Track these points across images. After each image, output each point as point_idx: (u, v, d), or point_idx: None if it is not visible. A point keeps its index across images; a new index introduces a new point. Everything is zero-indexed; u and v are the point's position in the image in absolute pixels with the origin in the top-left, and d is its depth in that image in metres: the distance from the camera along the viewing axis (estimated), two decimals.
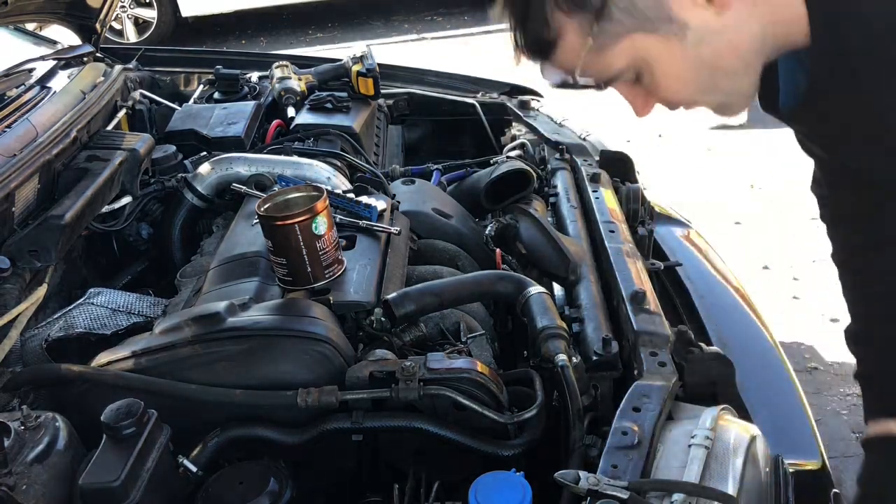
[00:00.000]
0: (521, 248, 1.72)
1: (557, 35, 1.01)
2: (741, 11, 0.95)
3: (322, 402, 1.20)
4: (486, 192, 2.01)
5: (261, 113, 2.30)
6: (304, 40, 7.46)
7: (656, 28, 0.96)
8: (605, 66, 1.01)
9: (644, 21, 0.96)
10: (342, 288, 1.44)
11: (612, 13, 0.96)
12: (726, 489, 1.01)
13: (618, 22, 0.97)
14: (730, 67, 1.00)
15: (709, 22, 0.95)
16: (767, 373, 1.59)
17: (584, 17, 0.97)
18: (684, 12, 0.95)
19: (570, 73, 1.05)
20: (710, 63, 0.99)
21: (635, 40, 0.98)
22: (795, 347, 2.92)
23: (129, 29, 7.36)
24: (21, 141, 1.67)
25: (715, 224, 3.52)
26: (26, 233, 1.53)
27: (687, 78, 1.01)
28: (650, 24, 0.96)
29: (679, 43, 0.97)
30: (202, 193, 1.89)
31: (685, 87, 1.03)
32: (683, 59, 0.98)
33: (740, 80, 1.02)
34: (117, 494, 1.02)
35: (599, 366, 1.30)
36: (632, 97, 1.07)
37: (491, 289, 1.44)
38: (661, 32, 0.97)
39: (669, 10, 0.95)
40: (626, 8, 0.95)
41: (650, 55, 0.99)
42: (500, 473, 1.09)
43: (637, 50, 0.99)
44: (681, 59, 0.99)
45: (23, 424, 1.10)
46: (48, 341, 1.45)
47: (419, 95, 2.59)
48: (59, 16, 2.42)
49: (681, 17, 0.95)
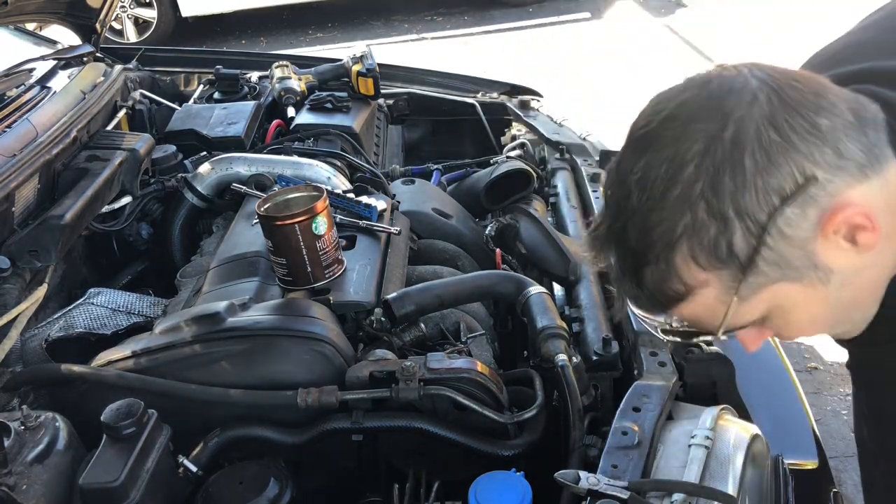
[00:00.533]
0: (521, 248, 1.72)
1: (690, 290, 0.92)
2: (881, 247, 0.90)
3: (322, 402, 1.20)
4: (487, 192, 2.00)
5: (261, 113, 2.30)
6: (304, 40, 7.46)
7: (802, 277, 0.90)
8: (741, 317, 0.94)
9: (790, 270, 0.90)
10: (342, 288, 1.44)
11: (760, 266, 0.88)
12: (726, 489, 1.01)
13: (764, 274, 0.89)
14: (864, 302, 0.98)
15: (854, 263, 0.90)
16: (767, 373, 1.59)
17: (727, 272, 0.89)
18: (829, 258, 0.89)
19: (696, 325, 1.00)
20: (847, 302, 0.95)
21: (778, 289, 0.91)
22: (795, 347, 2.92)
23: (129, 29, 7.37)
24: (21, 141, 1.67)
25: None
26: (26, 233, 1.53)
27: (823, 319, 0.97)
28: (795, 273, 0.90)
29: (823, 288, 0.91)
30: (202, 193, 1.89)
31: (815, 327, 0.99)
32: (825, 301, 0.93)
33: (870, 309, 0.99)
34: (117, 494, 1.02)
35: (599, 366, 1.30)
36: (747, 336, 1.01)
37: (491, 289, 1.44)
38: (806, 281, 0.91)
39: (815, 257, 0.89)
40: (774, 260, 0.88)
41: (790, 302, 0.93)
42: (500, 473, 1.09)
43: (777, 298, 0.92)
44: (822, 302, 0.93)
45: (23, 424, 1.10)
46: (48, 341, 1.45)
47: (419, 95, 2.59)
48: (59, 16, 2.42)
49: (826, 263, 0.90)
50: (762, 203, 0.85)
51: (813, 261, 0.89)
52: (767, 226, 0.86)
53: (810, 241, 0.88)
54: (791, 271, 0.89)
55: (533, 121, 2.31)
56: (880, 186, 0.89)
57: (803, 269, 0.89)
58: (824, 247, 0.88)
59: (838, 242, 0.88)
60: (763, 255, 0.87)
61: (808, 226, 0.87)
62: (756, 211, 0.85)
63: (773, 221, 0.86)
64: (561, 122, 2.28)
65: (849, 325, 1.02)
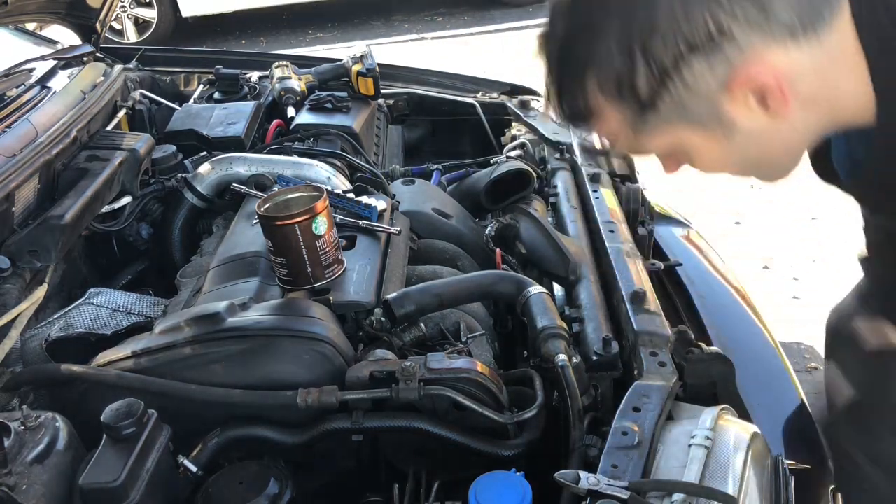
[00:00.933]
0: (521, 248, 1.72)
1: (596, 114, 0.96)
2: (797, 114, 0.90)
3: (322, 402, 1.20)
4: (486, 192, 2.00)
5: (261, 113, 2.30)
6: (304, 40, 7.46)
7: (704, 126, 0.92)
8: (642, 146, 0.99)
9: (692, 118, 0.91)
10: (342, 288, 1.44)
11: (659, 108, 0.90)
12: (726, 489, 1.01)
13: (664, 116, 0.91)
14: (776, 161, 0.98)
15: (762, 126, 0.91)
16: (767, 373, 1.59)
17: (627, 105, 0.92)
18: (736, 115, 0.90)
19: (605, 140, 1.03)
20: (754, 158, 0.96)
21: (679, 131, 0.94)
22: (795, 347, 2.92)
23: (129, 29, 7.36)
24: (21, 141, 1.67)
25: (715, 224, 3.52)
26: (26, 233, 1.53)
27: (728, 163, 0.98)
28: (698, 120, 0.92)
29: (726, 141, 0.93)
30: (202, 193, 1.89)
31: (724, 169, 1.00)
32: (727, 152, 0.95)
33: (784, 166, 1.00)
34: (117, 494, 1.02)
35: (599, 366, 1.30)
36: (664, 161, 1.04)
37: (491, 289, 1.44)
38: (708, 129, 0.92)
39: (720, 111, 0.90)
40: (675, 105, 0.90)
41: (692, 145, 0.96)
42: (500, 473, 1.09)
43: (678, 138, 0.95)
44: (724, 152, 0.95)
45: (23, 424, 1.09)
46: (48, 341, 1.44)
47: (419, 95, 2.58)
48: (59, 16, 2.42)
49: (731, 120, 0.91)
50: (669, 48, 0.86)
51: (717, 114, 0.90)
52: (671, 72, 0.87)
53: (716, 95, 0.88)
54: (693, 117, 0.91)
55: (533, 121, 2.31)
56: (812, 50, 0.87)
57: (706, 118, 0.91)
58: (732, 104, 0.89)
59: (748, 102, 0.88)
60: (664, 99, 0.89)
61: (714, 80, 0.87)
62: (662, 55, 0.86)
63: (676, 69, 0.86)
64: None
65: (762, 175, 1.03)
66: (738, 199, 3.98)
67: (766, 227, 3.74)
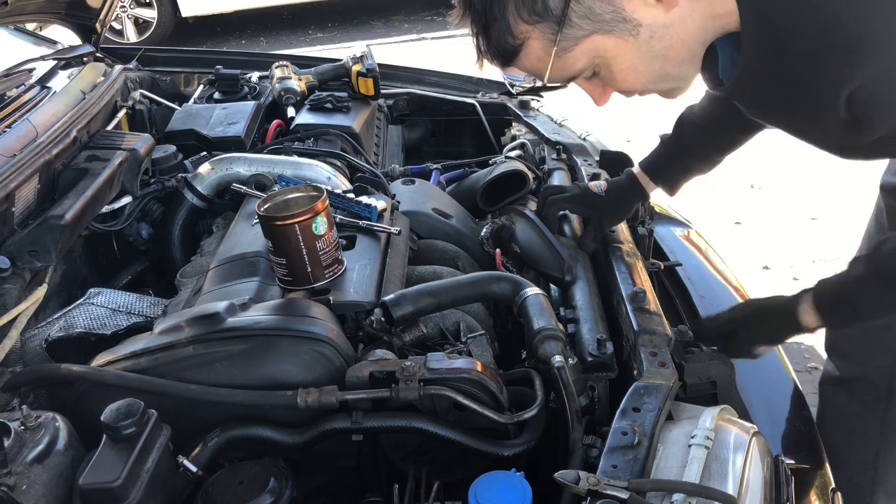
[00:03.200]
0: (515, 249, 1.72)
1: (521, 42, 1.10)
2: (685, 7, 1.06)
3: (322, 402, 1.20)
4: (482, 194, 2.01)
5: (261, 113, 2.30)
6: (304, 40, 7.46)
7: (613, 29, 1.07)
8: (568, 66, 1.12)
9: (601, 24, 1.06)
10: (342, 288, 1.44)
11: (572, 19, 1.06)
12: (726, 489, 1.01)
13: (577, 27, 1.07)
14: (678, 57, 1.12)
15: (658, 18, 1.06)
16: (767, 373, 1.59)
17: (546, 25, 1.07)
18: (637, 12, 1.06)
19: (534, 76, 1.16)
20: (661, 54, 1.10)
21: (594, 41, 1.08)
22: (795, 347, 2.92)
23: (129, 29, 7.37)
24: (21, 141, 1.67)
25: (715, 224, 3.52)
26: (26, 233, 1.53)
27: (641, 69, 1.12)
28: (607, 26, 1.07)
29: (633, 40, 1.08)
30: (202, 193, 1.89)
31: (639, 78, 1.14)
32: (637, 52, 1.09)
33: (687, 67, 1.14)
34: (117, 494, 1.02)
35: (595, 367, 1.30)
36: (590, 90, 1.18)
37: (488, 290, 1.44)
38: (617, 32, 1.07)
39: (623, 11, 1.06)
40: (584, 13, 1.05)
41: (608, 53, 1.10)
42: (500, 473, 1.09)
43: (596, 49, 1.09)
44: (635, 53, 1.09)
45: (23, 424, 1.09)
46: (48, 341, 1.44)
47: (419, 95, 2.59)
48: (59, 16, 2.42)
49: (634, 17, 1.06)
50: None
51: (621, 14, 1.06)
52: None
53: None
54: (602, 24, 1.07)
55: (533, 121, 2.31)
56: None
57: (613, 21, 1.06)
58: (630, 3, 1.05)
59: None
60: (573, 9, 1.05)
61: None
62: None
63: None
64: (561, 122, 2.28)
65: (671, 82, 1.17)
66: (738, 199, 3.98)
67: (766, 227, 3.74)
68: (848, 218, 1.43)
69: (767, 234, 3.67)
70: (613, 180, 1.72)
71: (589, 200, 1.68)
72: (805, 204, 3.74)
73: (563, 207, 1.72)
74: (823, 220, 3.66)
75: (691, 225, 2.11)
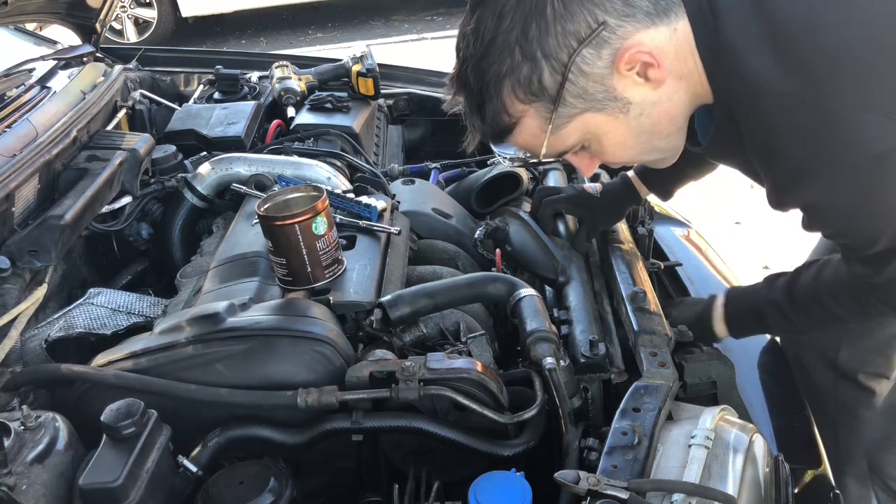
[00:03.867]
0: (509, 250, 1.72)
1: (516, 121, 1.14)
2: (671, 86, 1.11)
3: (322, 402, 1.20)
4: (477, 196, 2.01)
5: (261, 113, 2.30)
6: (304, 40, 7.46)
7: (604, 107, 1.11)
8: (560, 142, 1.16)
9: (593, 102, 1.10)
10: (342, 288, 1.44)
11: (567, 99, 1.09)
12: (726, 489, 1.01)
13: (571, 105, 1.10)
14: (665, 131, 1.17)
15: (647, 97, 1.10)
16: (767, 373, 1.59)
17: (541, 104, 1.11)
18: (627, 91, 1.09)
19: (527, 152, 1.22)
20: (649, 129, 1.15)
21: (586, 118, 1.12)
22: None
23: (129, 29, 7.37)
24: (21, 141, 1.67)
25: (715, 224, 3.52)
26: (26, 233, 1.52)
27: (630, 144, 1.17)
28: (599, 104, 1.10)
29: (623, 117, 1.12)
30: (202, 193, 1.89)
31: (628, 151, 1.19)
32: (627, 128, 1.13)
33: (674, 139, 1.19)
34: (117, 494, 1.02)
35: (587, 368, 1.30)
36: (578, 162, 1.23)
37: (484, 290, 1.44)
38: (608, 110, 1.11)
39: (614, 90, 1.09)
40: (578, 93, 1.09)
41: (599, 129, 1.14)
42: (500, 473, 1.09)
43: (587, 126, 1.13)
44: (625, 129, 1.13)
45: (23, 424, 1.09)
46: (48, 341, 1.44)
47: (419, 95, 2.58)
48: (59, 16, 2.42)
49: (624, 96, 1.10)
50: (562, 45, 1.06)
51: (612, 94, 1.09)
52: (568, 64, 1.06)
53: (608, 77, 1.08)
54: (594, 103, 1.10)
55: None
56: (668, 35, 1.07)
57: (605, 100, 1.10)
58: (621, 82, 1.09)
59: (633, 78, 1.08)
60: (568, 89, 1.08)
61: (603, 64, 1.07)
62: (558, 52, 1.06)
63: (572, 61, 1.06)
64: None
65: (657, 153, 1.23)
66: (738, 199, 3.98)
67: (766, 227, 3.74)
68: None
69: (767, 234, 3.67)
70: (608, 183, 1.74)
71: (583, 201, 1.70)
72: None
73: (558, 208, 1.73)
74: None
75: (691, 225, 2.11)
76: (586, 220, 1.69)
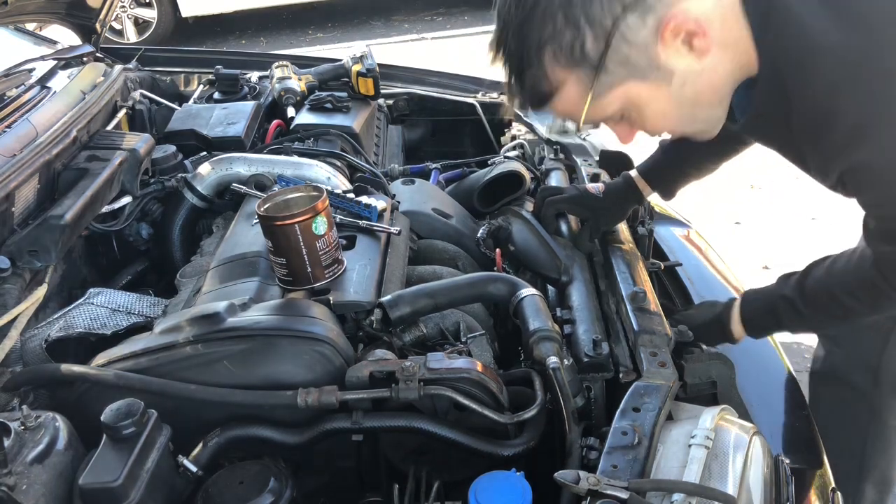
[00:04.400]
0: (511, 250, 1.72)
1: (556, 87, 1.12)
2: (716, 55, 1.08)
3: (322, 402, 1.20)
4: (479, 195, 2.01)
5: (261, 113, 2.30)
6: (304, 40, 7.46)
7: (647, 76, 1.09)
8: (601, 110, 1.15)
9: (636, 71, 1.09)
10: (342, 288, 1.44)
11: (609, 66, 1.08)
12: (726, 489, 1.01)
13: (613, 73, 1.09)
14: (707, 102, 1.15)
15: (691, 66, 1.09)
16: (767, 373, 1.59)
17: (582, 71, 1.09)
18: (670, 60, 1.08)
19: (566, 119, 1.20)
20: (691, 100, 1.13)
21: (628, 87, 1.11)
22: (795, 347, 2.92)
23: (129, 29, 7.37)
24: (21, 141, 1.67)
25: (715, 224, 3.52)
26: (26, 233, 1.52)
27: (671, 114, 1.15)
28: (641, 73, 1.09)
29: (666, 86, 1.10)
30: (202, 193, 1.89)
31: (669, 122, 1.18)
32: (669, 98, 1.12)
33: (715, 110, 1.17)
34: (117, 494, 1.02)
35: (590, 367, 1.30)
36: (618, 130, 1.21)
37: (485, 290, 1.44)
38: (651, 79, 1.09)
39: (658, 59, 1.08)
40: (621, 61, 1.07)
41: (641, 98, 1.12)
42: (500, 473, 1.09)
43: (629, 95, 1.12)
44: (667, 99, 1.12)
45: (23, 424, 1.09)
46: (48, 341, 1.44)
47: (419, 95, 2.59)
48: (59, 16, 2.42)
49: (667, 65, 1.08)
50: (607, 12, 1.04)
51: (655, 63, 1.08)
52: (612, 31, 1.05)
53: (651, 46, 1.06)
54: (637, 71, 1.09)
55: (533, 121, 2.31)
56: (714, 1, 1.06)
57: (647, 69, 1.08)
58: (665, 51, 1.07)
59: (677, 47, 1.07)
60: (610, 57, 1.07)
61: (647, 32, 1.05)
62: (602, 18, 1.05)
63: (616, 27, 1.05)
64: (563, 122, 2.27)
65: (699, 124, 1.21)
66: (738, 199, 3.98)
67: (766, 227, 3.74)
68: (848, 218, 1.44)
69: (767, 234, 3.67)
70: (611, 183, 1.74)
71: (586, 201, 1.70)
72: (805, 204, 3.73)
73: (560, 208, 1.73)
74: (823, 220, 3.66)
75: (691, 225, 2.11)
76: (589, 220, 1.68)
